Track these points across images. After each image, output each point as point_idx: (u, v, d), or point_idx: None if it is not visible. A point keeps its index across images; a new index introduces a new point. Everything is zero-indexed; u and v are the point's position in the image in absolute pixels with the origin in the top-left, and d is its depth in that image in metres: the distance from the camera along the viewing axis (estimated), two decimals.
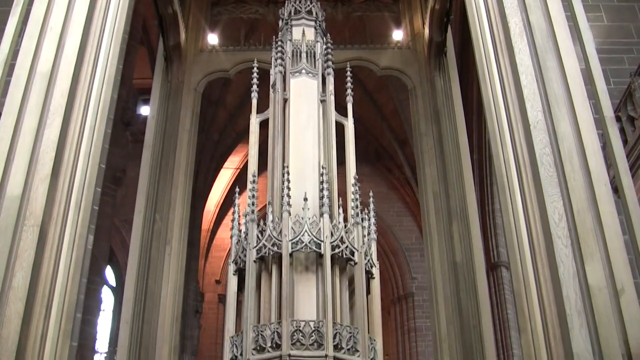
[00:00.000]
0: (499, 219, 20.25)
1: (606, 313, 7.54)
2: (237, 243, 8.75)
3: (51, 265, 8.21)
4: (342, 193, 9.18)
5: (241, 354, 8.00)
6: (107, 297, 25.23)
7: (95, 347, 19.22)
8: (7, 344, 7.56)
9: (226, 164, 24.00)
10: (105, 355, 23.71)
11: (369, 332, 8.27)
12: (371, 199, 9.22)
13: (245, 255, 8.47)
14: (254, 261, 8.32)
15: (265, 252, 8.31)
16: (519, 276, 8.14)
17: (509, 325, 19.71)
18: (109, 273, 25.57)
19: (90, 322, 15.18)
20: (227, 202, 24.85)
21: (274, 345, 7.81)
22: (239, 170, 24.42)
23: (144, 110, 23.11)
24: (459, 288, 11.12)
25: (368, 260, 8.66)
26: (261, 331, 7.94)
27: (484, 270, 11.15)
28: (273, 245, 8.26)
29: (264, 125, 9.67)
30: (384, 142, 24.61)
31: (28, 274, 7.88)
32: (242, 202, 8.94)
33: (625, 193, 8.23)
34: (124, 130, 17.46)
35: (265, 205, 8.88)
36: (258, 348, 7.89)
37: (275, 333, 7.84)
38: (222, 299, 24.47)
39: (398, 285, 24.34)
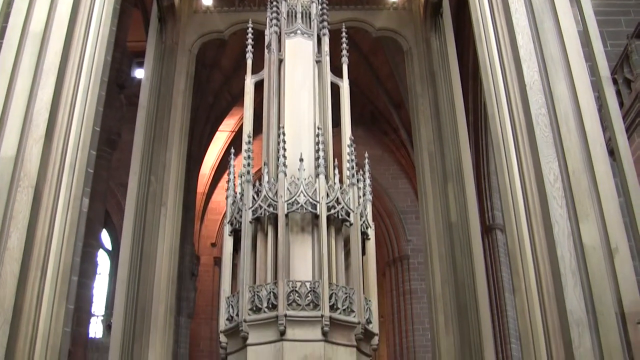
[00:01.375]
0: (494, 182, 20.26)
1: (600, 272, 7.59)
2: (232, 204, 8.75)
3: (46, 226, 8.23)
4: (338, 155, 9.17)
5: (237, 314, 8.03)
6: (103, 261, 25.28)
7: (92, 310, 19.30)
8: (4, 304, 7.59)
9: (221, 127, 23.91)
10: (102, 318, 23.81)
11: (364, 293, 8.30)
12: (366, 160, 9.21)
13: (240, 216, 8.47)
14: (250, 222, 8.33)
15: (261, 213, 8.31)
16: (513, 236, 8.17)
17: (503, 287, 19.80)
18: (105, 236, 25.59)
19: (87, 285, 15.22)
20: (222, 166, 24.78)
21: (270, 306, 7.85)
22: (234, 134, 24.33)
23: (139, 73, 22.93)
24: (454, 248, 11.15)
25: (363, 221, 8.67)
26: (257, 292, 7.97)
27: (479, 231, 11.18)
28: (269, 206, 8.26)
29: (259, 87, 9.62)
30: (379, 105, 24.52)
31: (23, 235, 7.89)
32: (238, 164, 8.92)
33: (621, 153, 8.24)
34: (118, 93, 17.37)
35: (261, 168, 8.86)
36: (254, 308, 7.93)
37: (272, 293, 7.87)
38: (217, 261, 24.53)
39: (393, 248, 24.37)
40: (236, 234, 8.62)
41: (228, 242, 8.67)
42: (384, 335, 22.87)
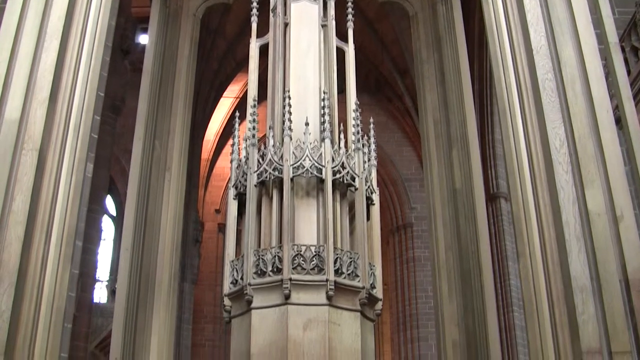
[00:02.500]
0: (499, 150, 20.25)
1: (605, 238, 7.62)
2: (237, 167, 8.72)
3: (50, 189, 8.27)
4: (343, 121, 9.13)
5: (242, 278, 8.04)
6: (108, 227, 25.37)
7: (96, 276, 19.42)
8: (9, 267, 7.65)
9: (225, 93, 23.86)
10: (107, 283, 23.93)
11: (368, 258, 8.30)
12: (371, 125, 9.17)
13: (245, 180, 8.45)
14: (255, 185, 8.30)
15: (266, 177, 8.28)
16: (518, 200, 8.17)
17: (507, 255, 19.87)
18: (110, 203, 25.66)
19: (91, 250, 15.33)
20: (227, 132, 24.76)
21: (275, 270, 7.85)
22: (238, 100, 24.26)
23: (143, 39, 22.92)
24: (458, 215, 11.12)
25: (368, 186, 8.65)
26: (262, 255, 7.97)
27: (483, 198, 11.13)
28: (274, 169, 8.23)
29: (263, 53, 9.55)
30: (384, 72, 24.39)
31: (28, 198, 7.93)
32: (242, 129, 8.88)
33: (628, 121, 8.22)
34: (122, 59, 17.36)
35: (264, 135, 8.81)
36: (259, 272, 7.93)
37: (276, 257, 7.86)
38: (221, 228, 24.57)
39: (397, 215, 24.34)
40: (241, 197, 8.60)
41: (232, 206, 8.66)
42: (387, 303, 22.92)
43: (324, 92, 8.75)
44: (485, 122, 20.76)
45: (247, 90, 9.43)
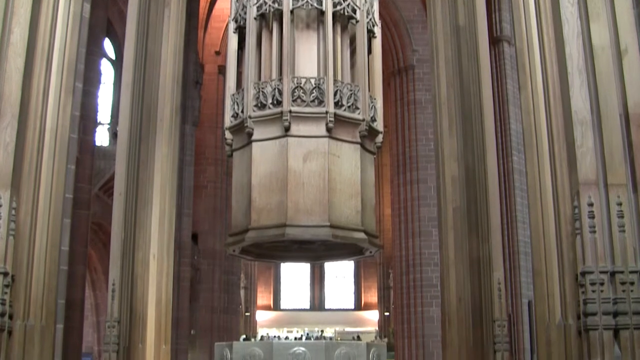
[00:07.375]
0: None
1: (607, 73, 7.60)
2: (236, 1, 8.60)
3: (48, 23, 8.23)
4: None
5: (242, 111, 8.09)
6: (107, 71, 25.19)
7: (97, 119, 19.45)
8: (10, 100, 7.70)
9: None
10: (108, 127, 24.00)
11: (369, 91, 8.31)
12: None
13: (245, 13, 8.35)
14: (255, 18, 8.21)
15: (266, 9, 8.18)
16: (522, 32, 8.09)
17: (508, 100, 19.86)
18: (108, 47, 25.36)
19: (91, 93, 15.27)
20: None
21: (275, 102, 7.89)
22: None
23: None
24: (461, 53, 10.94)
25: (370, 19, 8.55)
26: (262, 88, 7.98)
27: (486, 37, 10.92)
28: (273, 1, 8.12)
29: None
30: None
31: (25, 30, 7.89)
32: None
33: None
34: None
35: None
36: (259, 105, 7.97)
37: (276, 90, 7.89)
38: (222, 70, 24.34)
39: (398, 57, 24.03)
40: (241, 31, 8.52)
41: (233, 40, 8.60)
42: (388, 145, 23.06)
43: None
44: None
45: None
